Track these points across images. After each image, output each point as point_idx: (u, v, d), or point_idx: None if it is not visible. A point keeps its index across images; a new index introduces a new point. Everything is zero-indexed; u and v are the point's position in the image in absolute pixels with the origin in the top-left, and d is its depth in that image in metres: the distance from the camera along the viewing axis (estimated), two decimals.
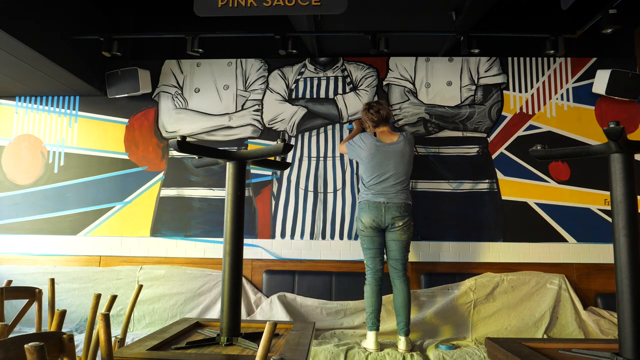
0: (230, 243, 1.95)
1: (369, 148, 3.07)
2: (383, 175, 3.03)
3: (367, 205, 3.02)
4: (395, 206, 2.99)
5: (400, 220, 2.97)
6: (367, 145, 3.08)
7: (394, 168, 3.03)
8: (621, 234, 1.67)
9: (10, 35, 2.68)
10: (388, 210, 2.98)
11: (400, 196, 3.02)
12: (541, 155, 1.99)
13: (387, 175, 3.02)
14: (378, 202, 3.00)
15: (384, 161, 3.04)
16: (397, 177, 3.03)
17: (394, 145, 3.08)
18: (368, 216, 2.99)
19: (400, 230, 2.98)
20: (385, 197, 3.00)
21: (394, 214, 2.97)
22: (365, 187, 3.09)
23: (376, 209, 2.99)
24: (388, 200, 3.00)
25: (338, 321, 3.25)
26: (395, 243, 3.00)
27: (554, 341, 2.07)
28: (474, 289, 3.26)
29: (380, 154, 3.05)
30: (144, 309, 3.37)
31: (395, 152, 3.06)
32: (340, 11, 2.58)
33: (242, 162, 2.02)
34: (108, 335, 1.44)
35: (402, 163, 3.05)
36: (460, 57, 3.71)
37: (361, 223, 3.03)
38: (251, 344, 1.80)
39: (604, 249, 3.44)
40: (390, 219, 2.96)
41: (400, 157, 3.05)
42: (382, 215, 2.98)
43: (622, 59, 3.64)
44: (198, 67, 3.85)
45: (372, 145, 3.08)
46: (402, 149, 3.07)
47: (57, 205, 3.74)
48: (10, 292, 2.18)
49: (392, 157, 3.05)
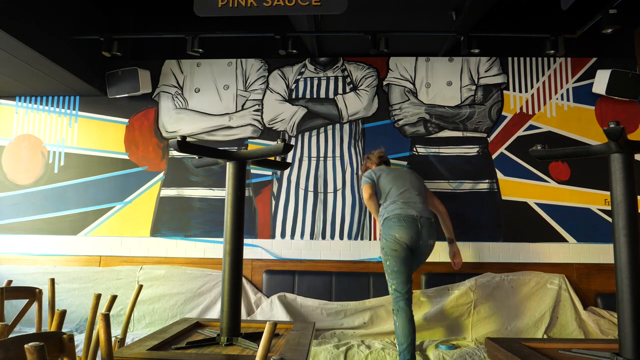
0: (230, 243, 1.95)
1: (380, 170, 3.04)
2: (406, 186, 2.90)
3: (400, 219, 2.69)
4: (429, 222, 2.76)
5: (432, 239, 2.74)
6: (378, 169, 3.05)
7: (410, 181, 2.96)
8: (621, 234, 1.67)
9: (10, 35, 2.68)
10: (424, 226, 2.69)
11: (429, 210, 2.84)
12: (541, 155, 1.99)
13: (408, 186, 2.91)
14: (411, 215, 2.70)
15: (401, 175, 3.00)
16: (416, 188, 2.92)
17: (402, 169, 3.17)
18: (405, 232, 2.65)
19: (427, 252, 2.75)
20: (416, 211, 2.73)
21: (429, 230, 2.71)
22: (390, 202, 2.84)
23: (412, 223, 2.67)
24: (420, 214, 2.72)
25: (338, 321, 3.25)
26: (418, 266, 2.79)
27: (554, 341, 2.07)
28: (474, 289, 3.26)
29: (393, 171, 3.04)
30: (144, 309, 3.37)
31: (405, 171, 3.10)
32: (340, 11, 2.58)
33: (242, 162, 2.02)
34: (108, 335, 1.44)
35: (418, 180, 3.03)
36: (460, 57, 3.71)
37: (394, 242, 2.66)
38: (251, 344, 1.80)
39: (604, 249, 3.44)
40: (425, 237, 2.68)
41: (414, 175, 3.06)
42: (418, 232, 2.67)
43: (622, 59, 3.64)
44: (198, 67, 3.85)
45: (382, 168, 3.08)
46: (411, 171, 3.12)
47: (57, 205, 3.74)
48: (10, 292, 2.18)
49: (407, 174, 3.03)
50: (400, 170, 3.09)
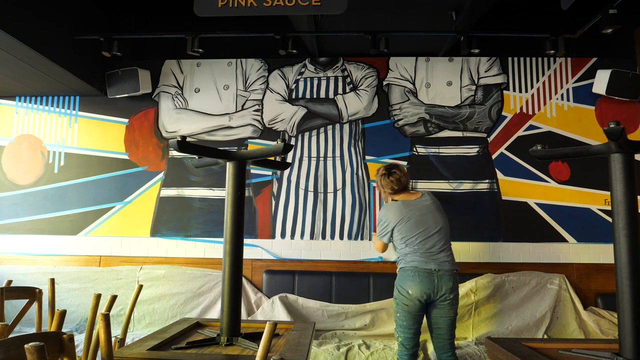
0: (230, 243, 1.95)
1: (399, 212, 2.65)
2: (429, 231, 2.59)
3: (416, 274, 2.52)
4: (448, 275, 2.53)
5: (452, 293, 2.53)
6: (395, 212, 2.66)
7: (434, 222, 2.61)
8: (621, 234, 1.67)
9: (10, 35, 2.68)
10: (441, 279, 2.51)
11: (450, 261, 2.59)
12: (541, 155, 1.99)
13: (433, 231, 2.59)
14: (429, 269, 2.52)
15: (423, 216, 2.63)
16: (442, 233, 2.61)
17: (421, 200, 2.69)
18: (418, 288, 2.49)
19: (450, 304, 2.53)
20: (436, 264, 2.54)
21: (447, 284, 2.51)
22: (409, 250, 2.60)
23: (428, 278, 2.50)
24: (440, 267, 2.53)
25: (339, 323, 3.25)
26: (444, 320, 2.55)
27: (554, 341, 2.07)
28: (475, 290, 3.26)
29: (413, 210, 2.65)
30: (144, 309, 3.37)
31: (427, 206, 2.67)
32: (340, 11, 2.58)
33: (242, 162, 2.02)
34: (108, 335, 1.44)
35: (442, 217, 2.66)
36: (460, 57, 3.71)
37: (406, 296, 2.52)
38: (251, 344, 1.80)
39: (604, 249, 3.44)
40: (444, 291, 2.50)
41: (438, 210, 2.68)
42: (435, 286, 2.50)
43: (622, 59, 3.64)
44: (198, 67, 3.85)
45: (400, 208, 2.66)
46: (432, 201, 2.70)
47: (57, 205, 3.74)
48: (10, 292, 2.18)
49: (428, 211, 2.65)
50: (423, 209, 2.65)
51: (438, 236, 2.59)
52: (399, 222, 2.63)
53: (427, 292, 2.49)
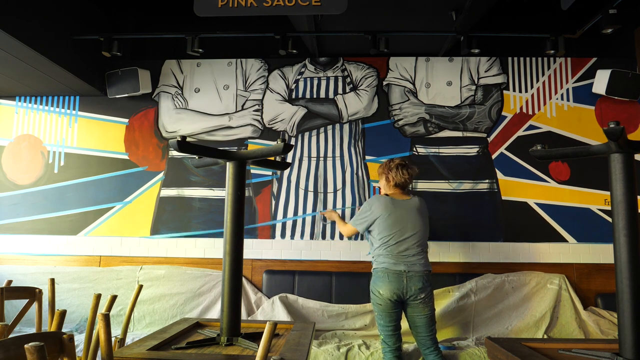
0: (230, 243, 1.95)
1: (385, 206, 2.72)
2: (404, 233, 2.67)
3: (386, 275, 2.61)
4: (418, 275, 2.61)
5: (423, 292, 2.59)
6: (382, 204, 2.73)
7: (413, 227, 2.69)
8: (621, 234, 1.67)
9: (10, 35, 2.68)
10: (411, 280, 2.59)
11: (423, 263, 2.66)
12: (541, 155, 1.99)
13: (409, 235, 2.67)
14: (398, 270, 2.61)
15: (404, 216, 2.70)
16: (417, 237, 2.68)
17: (410, 202, 2.77)
18: (388, 288, 2.59)
19: (422, 303, 2.60)
20: (406, 265, 2.62)
21: (417, 284, 2.59)
22: (382, 251, 2.69)
23: (397, 279, 2.60)
24: (410, 269, 2.61)
25: (339, 323, 3.25)
26: (421, 318, 2.62)
27: (554, 341, 2.07)
28: (475, 290, 3.26)
29: (398, 209, 2.71)
30: (144, 309, 3.37)
31: (413, 208, 2.74)
32: (340, 11, 2.58)
33: (242, 162, 2.02)
34: (108, 335, 1.44)
35: (422, 222, 2.73)
36: (460, 57, 3.71)
37: (378, 296, 2.62)
38: (251, 344, 1.80)
39: (604, 249, 3.44)
40: (413, 291, 2.58)
41: (420, 214, 2.74)
42: (404, 287, 2.59)
43: (622, 59, 3.64)
44: (198, 67, 3.85)
45: (387, 202, 2.73)
46: (420, 206, 2.77)
47: (57, 205, 3.74)
48: (10, 292, 2.18)
49: (412, 213, 2.72)
50: (406, 210, 2.73)
51: (413, 240, 2.67)
52: (381, 215, 2.71)
53: (396, 292, 2.58)
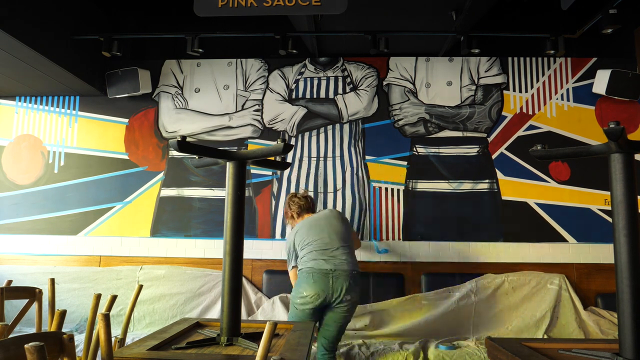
0: (230, 243, 1.95)
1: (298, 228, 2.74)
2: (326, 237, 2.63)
3: (311, 275, 2.50)
4: (344, 275, 2.50)
5: (349, 294, 2.48)
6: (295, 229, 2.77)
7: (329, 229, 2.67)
8: (621, 234, 1.66)
9: (10, 35, 2.68)
10: (337, 280, 2.48)
11: (349, 262, 2.58)
12: (541, 155, 1.99)
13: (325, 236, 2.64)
14: (325, 270, 2.49)
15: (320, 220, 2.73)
16: (338, 236, 2.65)
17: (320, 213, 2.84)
18: (312, 288, 2.47)
19: (346, 309, 2.51)
20: (332, 264, 2.52)
21: (344, 284, 2.47)
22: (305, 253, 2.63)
23: (323, 279, 2.48)
24: (336, 268, 2.51)
25: None
26: (336, 324, 2.55)
27: (554, 341, 2.07)
28: (475, 291, 3.26)
29: (311, 220, 2.76)
30: (144, 309, 3.37)
31: (326, 216, 2.77)
32: (340, 11, 2.58)
33: (242, 162, 2.02)
34: (108, 335, 1.44)
35: (341, 223, 2.73)
36: (460, 57, 3.71)
37: (301, 297, 2.49)
38: (251, 344, 1.80)
39: (604, 249, 3.44)
40: (339, 291, 2.47)
41: (334, 217, 2.76)
42: (329, 287, 2.46)
43: (622, 59, 3.64)
44: (198, 67, 3.85)
45: (299, 224, 2.78)
46: (332, 212, 2.81)
47: (57, 205, 3.74)
48: (10, 292, 2.18)
49: (325, 219, 2.75)
50: (320, 217, 2.76)
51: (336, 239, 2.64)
52: (297, 232, 2.72)
53: (320, 293, 2.46)
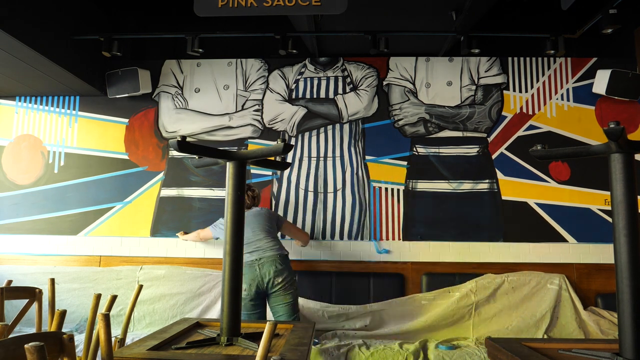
0: (230, 243, 1.95)
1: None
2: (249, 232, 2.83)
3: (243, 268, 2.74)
4: (270, 260, 2.73)
5: (279, 277, 2.69)
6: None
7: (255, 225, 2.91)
8: (621, 234, 1.66)
9: (10, 35, 2.68)
10: (263, 267, 2.71)
11: (273, 247, 2.81)
12: (541, 155, 1.99)
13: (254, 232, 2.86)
14: (250, 261, 2.73)
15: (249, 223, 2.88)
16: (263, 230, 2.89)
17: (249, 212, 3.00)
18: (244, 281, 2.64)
19: (282, 289, 2.69)
20: (257, 254, 2.77)
21: (269, 269, 2.71)
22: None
23: (249, 270, 2.71)
24: (261, 256, 2.75)
25: (340, 324, 3.25)
26: (282, 307, 2.70)
27: (554, 341, 2.07)
28: (475, 290, 3.26)
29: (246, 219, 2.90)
30: (144, 309, 3.37)
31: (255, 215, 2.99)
32: (340, 11, 2.58)
33: (242, 162, 2.02)
34: (108, 335, 1.44)
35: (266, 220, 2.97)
36: (460, 57, 3.71)
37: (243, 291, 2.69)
38: (251, 344, 1.80)
39: (604, 249, 3.44)
40: (268, 275, 2.70)
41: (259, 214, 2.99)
42: (257, 275, 2.70)
43: (622, 59, 3.64)
44: (198, 67, 3.85)
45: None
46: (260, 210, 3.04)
47: (57, 205, 3.73)
48: (10, 292, 2.18)
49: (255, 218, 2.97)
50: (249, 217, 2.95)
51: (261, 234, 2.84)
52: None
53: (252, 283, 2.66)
